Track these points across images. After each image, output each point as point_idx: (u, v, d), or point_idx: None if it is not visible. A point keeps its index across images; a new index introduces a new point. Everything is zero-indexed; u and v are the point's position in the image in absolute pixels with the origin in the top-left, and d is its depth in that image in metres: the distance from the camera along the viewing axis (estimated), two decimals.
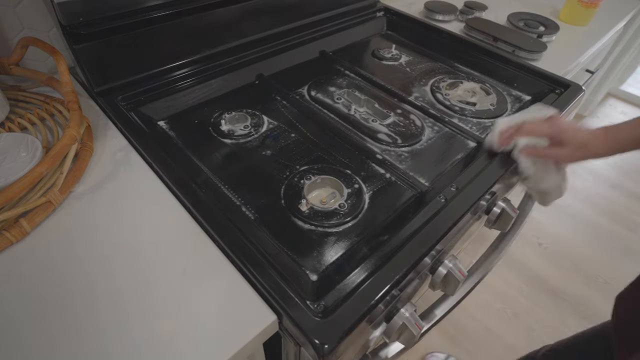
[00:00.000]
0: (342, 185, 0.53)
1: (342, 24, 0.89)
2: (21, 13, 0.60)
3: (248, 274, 0.40)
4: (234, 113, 0.64)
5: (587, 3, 0.97)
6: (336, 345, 0.36)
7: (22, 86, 0.63)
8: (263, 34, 0.78)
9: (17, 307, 0.37)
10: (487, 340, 1.18)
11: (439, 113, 0.68)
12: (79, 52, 0.58)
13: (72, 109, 0.51)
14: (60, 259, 0.41)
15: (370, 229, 0.49)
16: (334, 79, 0.76)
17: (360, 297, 0.39)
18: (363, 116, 0.68)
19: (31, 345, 0.35)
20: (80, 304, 0.38)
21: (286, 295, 0.38)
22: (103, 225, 0.45)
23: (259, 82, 0.73)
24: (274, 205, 0.51)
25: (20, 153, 0.49)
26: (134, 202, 0.48)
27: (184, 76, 0.68)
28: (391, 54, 0.86)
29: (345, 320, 0.37)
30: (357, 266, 0.42)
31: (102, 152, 0.54)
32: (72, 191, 0.48)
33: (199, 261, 0.42)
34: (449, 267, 0.49)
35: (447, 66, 0.84)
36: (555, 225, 1.52)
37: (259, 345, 0.40)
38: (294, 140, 0.61)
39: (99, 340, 0.35)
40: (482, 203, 0.53)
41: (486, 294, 1.29)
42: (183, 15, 0.66)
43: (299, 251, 0.45)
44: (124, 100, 0.61)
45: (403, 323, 0.45)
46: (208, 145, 0.59)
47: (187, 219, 0.46)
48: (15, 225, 0.42)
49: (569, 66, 0.83)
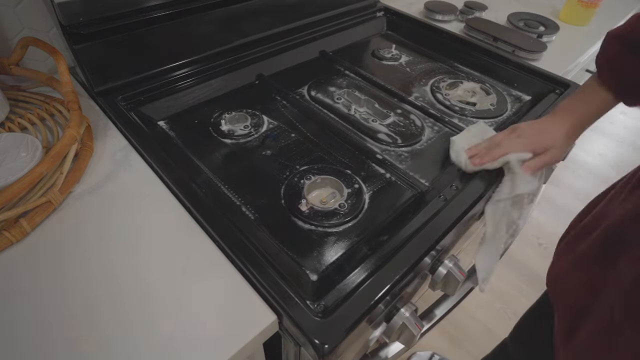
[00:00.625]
0: (342, 185, 0.53)
1: (342, 24, 0.89)
2: (21, 13, 0.60)
3: (248, 273, 0.40)
4: (234, 113, 0.64)
5: (587, 3, 0.97)
6: (336, 345, 0.36)
7: (22, 86, 0.63)
8: (263, 34, 0.78)
9: (17, 307, 0.37)
10: (487, 340, 1.18)
11: (439, 113, 0.68)
12: (79, 52, 0.58)
13: (72, 109, 0.51)
14: (60, 259, 0.41)
15: (370, 229, 0.49)
16: (334, 79, 0.76)
17: (360, 297, 0.39)
18: (363, 116, 0.68)
19: (31, 345, 0.35)
20: (80, 304, 0.38)
21: (286, 295, 0.38)
22: (103, 225, 0.45)
23: (259, 82, 0.73)
24: (274, 205, 0.51)
25: (20, 153, 0.49)
26: (134, 202, 0.48)
27: (184, 76, 0.68)
28: (391, 54, 0.86)
29: (345, 320, 0.37)
30: (357, 266, 0.42)
31: (102, 152, 0.54)
32: (72, 191, 0.48)
33: (199, 261, 0.42)
34: (449, 267, 0.49)
35: (447, 66, 0.84)
36: (555, 225, 1.52)
37: (259, 345, 0.40)
38: (294, 140, 0.61)
39: (99, 340, 0.35)
40: (482, 203, 0.53)
41: (486, 294, 1.29)
42: (183, 15, 0.66)
43: (299, 251, 0.45)
44: (124, 100, 0.61)
45: (403, 323, 0.45)
46: (208, 145, 0.59)
47: (187, 219, 0.46)
48: (15, 225, 0.42)
49: (569, 66, 0.83)
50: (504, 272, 1.36)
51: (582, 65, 1.00)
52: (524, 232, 1.46)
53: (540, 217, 1.53)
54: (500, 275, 1.35)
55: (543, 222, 1.52)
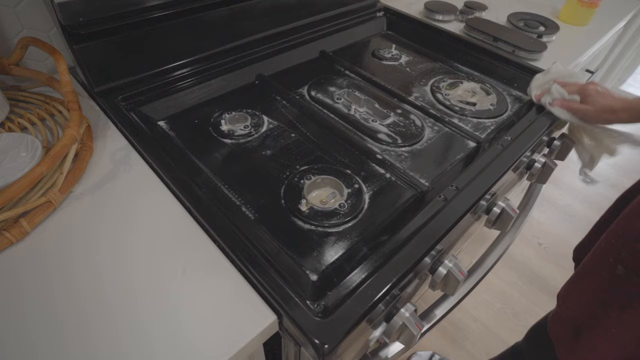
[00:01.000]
0: (342, 185, 0.53)
1: (342, 24, 0.89)
2: (21, 13, 0.60)
3: (248, 274, 0.40)
4: (234, 113, 0.64)
5: (587, 3, 0.97)
6: (336, 345, 0.36)
7: (22, 86, 0.63)
8: (263, 34, 0.78)
9: (16, 307, 0.37)
10: (487, 340, 1.18)
11: (439, 113, 0.68)
12: (79, 52, 0.58)
13: (72, 109, 0.51)
14: (61, 259, 0.41)
15: (370, 229, 0.49)
16: (334, 79, 0.76)
17: (360, 297, 0.39)
18: (363, 116, 0.68)
19: (31, 345, 0.35)
20: (80, 304, 0.38)
21: (286, 295, 0.38)
22: (103, 225, 0.45)
23: (259, 82, 0.73)
24: (274, 205, 0.51)
25: (20, 153, 0.49)
26: (134, 202, 0.48)
27: (184, 76, 0.68)
28: (391, 54, 0.86)
29: (345, 321, 0.37)
30: (357, 266, 0.42)
31: (102, 152, 0.54)
32: (72, 191, 0.48)
33: (198, 261, 0.42)
34: (449, 267, 0.49)
35: (447, 66, 0.84)
36: (555, 225, 1.52)
37: (259, 345, 0.40)
38: (294, 140, 0.61)
39: (99, 340, 0.35)
40: (482, 203, 0.53)
41: (486, 294, 1.29)
42: (183, 15, 0.66)
43: (299, 251, 0.45)
44: (124, 100, 0.61)
45: (403, 323, 0.45)
46: (208, 145, 0.59)
47: (187, 219, 0.46)
48: (15, 225, 0.42)
49: (569, 66, 0.83)
50: (504, 272, 1.36)
51: (582, 65, 1.00)
52: (524, 232, 1.46)
53: (540, 217, 1.53)
54: (500, 275, 1.35)
55: (543, 223, 1.52)
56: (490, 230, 0.63)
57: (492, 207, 0.59)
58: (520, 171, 0.67)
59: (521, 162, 0.61)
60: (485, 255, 0.66)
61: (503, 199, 0.59)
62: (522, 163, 0.64)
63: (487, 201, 0.55)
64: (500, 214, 0.59)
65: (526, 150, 0.59)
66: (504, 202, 0.59)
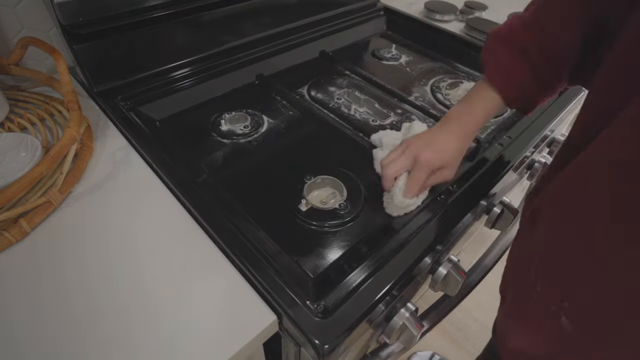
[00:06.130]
0: (342, 185, 0.53)
1: (342, 24, 0.89)
2: (21, 13, 0.60)
3: (248, 274, 0.40)
4: (233, 113, 0.64)
5: None
6: (336, 345, 0.36)
7: (21, 86, 0.62)
8: (263, 34, 0.78)
9: (16, 307, 0.37)
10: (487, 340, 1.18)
11: (439, 113, 0.68)
12: (78, 52, 0.58)
13: (72, 109, 0.51)
14: (60, 259, 0.41)
15: (371, 229, 0.49)
16: (334, 79, 0.76)
17: (360, 298, 0.39)
18: (363, 116, 0.68)
19: (30, 345, 0.35)
20: (80, 304, 0.38)
21: (286, 295, 0.38)
22: (103, 225, 0.45)
23: (259, 82, 0.73)
24: (274, 205, 0.51)
25: (20, 153, 0.49)
26: (134, 202, 0.48)
27: (184, 76, 0.68)
28: (391, 54, 0.86)
29: (345, 321, 0.37)
30: (357, 266, 0.42)
31: (102, 152, 0.54)
32: (72, 191, 0.48)
33: (198, 261, 0.42)
34: (449, 267, 0.49)
35: (447, 66, 0.84)
36: None
37: (259, 345, 0.40)
38: (294, 140, 0.61)
39: (99, 339, 0.35)
40: (482, 203, 0.53)
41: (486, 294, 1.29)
42: (183, 15, 0.66)
43: (299, 251, 0.45)
44: (124, 100, 0.61)
45: (403, 323, 0.45)
46: (208, 145, 0.59)
47: (187, 219, 0.46)
48: (15, 225, 0.42)
49: None
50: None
51: None
52: None
53: None
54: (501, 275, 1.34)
55: None
56: (490, 230, 0.63)
57: (492, 207, 0.59)
58: (520, 171, 0.67)
59: (521, 162, 0.61)
60: (485, 255, 0.66)
61: (503, 199, 0.59)
62: (522, 163, 0.64)
63: (487, 201, 0.55)
64: (500, 214, 0.59)
65: (526, 149, 0.59)
66: (504, 202, 0.59)
